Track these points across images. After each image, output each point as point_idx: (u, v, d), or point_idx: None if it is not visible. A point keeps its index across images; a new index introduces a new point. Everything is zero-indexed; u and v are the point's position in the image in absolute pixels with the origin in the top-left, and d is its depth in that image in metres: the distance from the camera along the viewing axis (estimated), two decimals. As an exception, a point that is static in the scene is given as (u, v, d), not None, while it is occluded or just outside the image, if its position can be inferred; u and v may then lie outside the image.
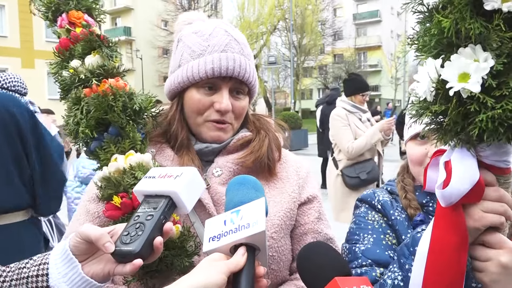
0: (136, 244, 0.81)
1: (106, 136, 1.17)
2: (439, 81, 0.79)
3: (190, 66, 1.21)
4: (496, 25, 0.73)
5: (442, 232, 0.91)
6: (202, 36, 1.24)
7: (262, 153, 1.23)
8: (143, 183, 0.94)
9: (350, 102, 4.34)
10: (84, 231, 0.85)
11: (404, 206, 1.27)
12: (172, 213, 0.91)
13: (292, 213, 1.24)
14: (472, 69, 0.74)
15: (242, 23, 33.82)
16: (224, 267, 0.77)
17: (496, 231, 0.90)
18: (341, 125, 4.22)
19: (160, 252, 0.86)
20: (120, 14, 40.09)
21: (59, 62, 1.32)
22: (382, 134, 4.08)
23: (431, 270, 0.92)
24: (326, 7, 39.44)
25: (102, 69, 1.25)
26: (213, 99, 1.21)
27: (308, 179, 1.33)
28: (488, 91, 0.74)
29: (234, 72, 1.19)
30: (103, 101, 1.16)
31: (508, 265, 0.88)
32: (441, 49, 0.80)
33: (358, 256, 1.21)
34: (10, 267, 0.90)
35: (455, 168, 0.86)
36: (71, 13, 1.35)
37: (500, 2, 0.72)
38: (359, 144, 4.09)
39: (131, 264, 0.81)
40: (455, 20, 0.75)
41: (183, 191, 0.89)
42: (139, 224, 0.85)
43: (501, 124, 0.75)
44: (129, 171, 1.10)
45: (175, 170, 0.94)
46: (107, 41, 1.31)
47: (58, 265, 0.85)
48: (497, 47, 0.73)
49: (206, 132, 1.23)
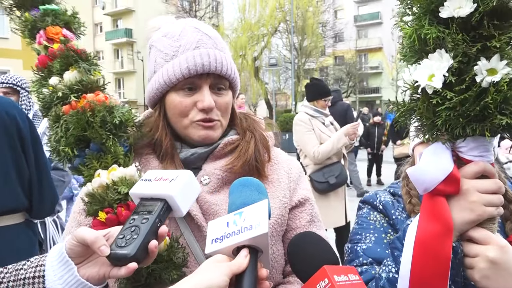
0: (131, 248, 0.81)
1: (87, 152, 1.15)
2: (412, 83, 0.92)
3: (165, 70, 1.17)
4: (452, 31, 0.84)
5: (426, 221, 0.96)
6: (172, 37, 1.20)
7: (249, 156, 1.20)
8: (139, 185, 0.94)
9: (312, 107, 4.35)
10: (80, 234, 0.85)
11: (409, 211, 1.27)
12: (167, 216, 0.91)
13: (283, 219, 1.21)
14: (435, 68, 0.87)
15: (243, 25, 33.85)
16: (227, 268, 0.77)
17: (483, 227, 0.94)
18: (305, 130, 4.22)
19: (155, 255, 0.86)
20: (121, 16, 40.16)
21: (38, 80, 1.30)
22: (347, 138, 4.09)
23: (418, 259, 0.95)
24: (327, 9, 39.46)
25: (80, 84, 1.22)
26: (194, 98, 1.17)
27: (299, 181, 1.30)
28: (450, 86, 0.86)
29: (211, 67, 1.15)
30: (81, 118, 1.13)
31: (496, 260, 0.91)
32: (416, 56, 0.93)
33: (359, 255, 1.23)
34: (7, 268, 0.90)
35: (424, 157, 0.96)
36: (49, 29, 1.33)
37: (452, 10, 0.83)
38: (325, 149, 4.09)
39: (126, 268, 0.81)
40: (415, 28, 0.88)
41: (178, 194, 0.89)
42: (134, 228, 0.85)
43: (462, 115, 0.86)
44: (112, 187, 1.08)
45: (171, 173, 0.93)
46: (85, 55, 1.28)
47: (54, 267, 0.86)
48: (452, 48, 0.85)
49: (194, 133, 1.19)
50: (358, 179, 9.73)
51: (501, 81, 0.82)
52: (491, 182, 0.94)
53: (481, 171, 0.94)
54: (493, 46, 0.83)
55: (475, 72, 0.84)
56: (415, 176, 0.97)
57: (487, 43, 0.83)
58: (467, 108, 0.85)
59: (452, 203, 0.95)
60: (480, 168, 0.93)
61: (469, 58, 0.85)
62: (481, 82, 0.83)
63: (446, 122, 0.88)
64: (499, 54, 0.83)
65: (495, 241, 0.92)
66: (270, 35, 35.02)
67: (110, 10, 39.85)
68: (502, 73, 0.82)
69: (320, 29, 36.94)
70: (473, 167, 0.94)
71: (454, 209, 0.94)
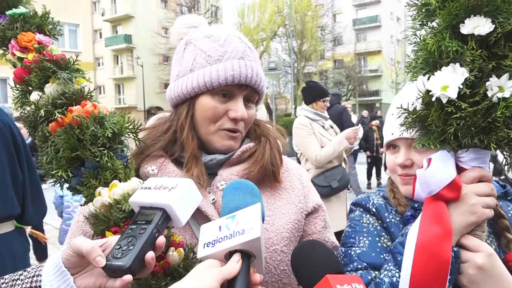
0: (126, 259, 0.80)
1: (83, 171, 1.06)
2: (425, 92, 0.97)
3: (208, 71, 1.15)
4: (470, 46, 0.91)
5: (427, 224, 1.01)
6: (216, 41, 1.19)
7: (265, 161, 1.21)
8: (139, 194, 0.93)
9: (312, 110, 4.32)
10: (76, 244, 0.84)
11: (394, 205, 1.30)
12: (166, 226, 0.89)
13: (299, 224, 1.22)
14: (450, 80, 0.92)
15: (242, 30, 33.90)
16: (217, 274, 0.76)
17: (473, 235, 1.01)
18: (306, 133, 4.18)
19: (152, 267, 0.85)
20: (120, 22, 40.24)
21: (19, 97, 1.17)
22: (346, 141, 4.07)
23: (419, 260, 0.98)
24: (326, 13, 39.50)
25: (63, 97, 1.09)
26: (227, 106, 1.17)
27: (310, 187, 1.32)
28: (463, 98, 0.92)
29: (252, 80, 1.17)
30: (69, 137, 1.03)
31: (483, 266, 0.96)
32: (428, 68, 0.99)
33: (353, 260, 1.22)
34: (4, 279, 0.89)
35: (434, 162, 1.01)
36: (20, 38, 1.18)
37: (472, 27, 0.90)
38: (327, 152, 4.06)
39: (121, 280, 0.80)
40: (437, 40, 0.95)
41: (177, 204, 0.87)
42: (131, 238, 0.83)
43: (473, 125, 0.92)
44: (115, 205, 1.00)
45: (171, 182, 0.91)
46: (64, 61, 1.15)
47: (50, 277, 0.85)
48: (470, 62, 0.91)
49: (219, 141, 1.19)
50: (357, 182, 9.73)
51: (510, 98, 0.90)
52: (486, 185, 1.00)
53: (479, 177, 1.00)
54: (505, 65, 0.91)
55: (487, 87, 0.91)
56: (424, 179, 1.02)
57: (501, 62, 0.91)
58: (478, 119, 0.91)
59: (452, 208, 1.00)
60: (478, 174, 1.00)
61: (483, 73, 0.92)
62: (492, 97, 0.90)
63: (457, 131, 0.93)
64: (508, 73, 0.91)
65: (484, 249, 0.98)
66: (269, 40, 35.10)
67: (109, 17, 39.90)
68: (510, 90, 0.90)
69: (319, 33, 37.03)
70: (472, 173, 1.00)
71: (455, 213, 0.99)
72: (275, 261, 1.14)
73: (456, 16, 0.92)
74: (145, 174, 1.18)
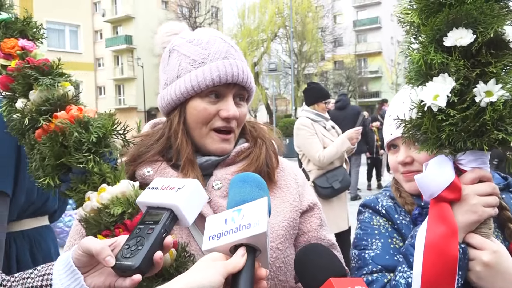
0: (135, 259, 0.81)
1: (71, 176, 1.06)
2: (419, 102, 1.04)
3: (194, 75, 1.17)
4: (454, 57, 0.98)
5: (434, 224, 1.06)
6: (199, 44, 1.21)
7: (261, 162, 1.22)
8: (146, 194, 0.93)
9: (313, 111, 4.31)
10: (85, 244, 0.85)
11: (401, 204, 1.32)
12: (173, 226, 0.90)
13: (295, 222, 1.23)
14: (440, 89, 1.00)
15: (243, 31, 33.96)
16: (222, 267, 0.76)
17: (479, 233, 1.05)
18: (308, 134, 4.17)
19: (161, 266, 0.86)
20: (121, 23, 40.28)
21: (5, 104, 1.16)
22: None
23: (428, 258, 1.03)
24: (326, 14, 39.55)
25: (47, 104, 1.09)
26: (218, 107, 1.19)
27: (305, 186, 1.34)
28: (452, 105, 0.99)
29: (239, 78, 1.19)
30: (53, 144, 1.03)
31: (489, 263, 1.01)
32: (422, 79, 1.06)
33: (368, 263, 1.23)
34: (14, 277, 0.90)
35: (430, 167, 1.07)
36: (3, 45, 1.18)
37: (455, 39, 0.97)
38: (330, 152, 4.06)
39: (130, 279, 0.81)
40: (423, 55, 1.01)
41: (184, 204, 0.88)
42: (140, 238, 0.84)
43: (463, 130, 0.98)
44: (104, 210, 1.01)
45: (178, 182, 0.92)
46: (46, 67, 1.14)
47: (61, 276, 0.86)
48: (455, 72, 0.98)
49: (211, 145, 1.21)
50: (355, 182, 9.73)
51: (497, 102, 0.95)
52: (487, 185, 1.04)
53: (478, 177, 1.05)
54: (490, 72, 0.97)
55: (474, 94, 0.97)
56: (422, 183, 1.08)
57: (485, 69, 0.97)
58: (468, 124, 0.97)
59: (455, 207, 1.05)
60: (477, 175, 1.05)
61: (469, 81, 0.98)
62: (480, 102, 0.96)
63: (449, 137, 1.00)
64: (495, 78, 0.96)
65: (490, 246, 1.02)
66: (270, 41, 35.11)
67: (110, 17, 39.93)
68: (498, 94, 0.95)
69: (320, 34, 37.02)
70: (471, 174, 1.05)
71: (458, 213, 1.04)
72: (270, 258, 1.15)
73: (438, 31, 1.00)
74: (141, 176, 1.19)
